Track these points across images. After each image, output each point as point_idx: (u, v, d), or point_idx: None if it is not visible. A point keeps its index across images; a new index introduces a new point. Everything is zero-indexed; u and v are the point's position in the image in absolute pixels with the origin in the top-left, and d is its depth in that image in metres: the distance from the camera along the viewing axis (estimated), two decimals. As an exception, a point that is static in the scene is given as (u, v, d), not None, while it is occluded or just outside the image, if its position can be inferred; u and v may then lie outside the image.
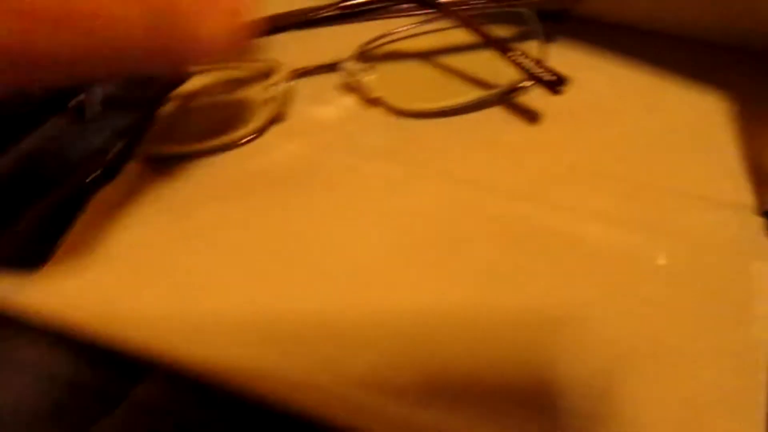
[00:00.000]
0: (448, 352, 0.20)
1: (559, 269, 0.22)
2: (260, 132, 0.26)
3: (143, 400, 0.22)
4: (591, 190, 0.24)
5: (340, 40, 0.27)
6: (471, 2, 0.25)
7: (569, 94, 0.23)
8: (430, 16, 0.26)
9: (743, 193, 0.23)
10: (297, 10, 0.26)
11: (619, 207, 0.23)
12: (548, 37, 0.26)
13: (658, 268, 0.22)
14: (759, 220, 0.22)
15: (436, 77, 0.27)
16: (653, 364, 0.20)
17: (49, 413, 0.22)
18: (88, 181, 0.22)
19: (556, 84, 0.23)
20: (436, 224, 0.23)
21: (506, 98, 0.26)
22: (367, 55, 0.27)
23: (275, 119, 0.26)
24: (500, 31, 0.25)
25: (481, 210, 0.23)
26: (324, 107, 0.27)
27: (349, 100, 0.27)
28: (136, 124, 0.25)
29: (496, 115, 0.26)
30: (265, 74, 0.27)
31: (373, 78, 0.26)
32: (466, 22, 0.24)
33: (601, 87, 0.26)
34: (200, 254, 0.23)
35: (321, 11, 0.26)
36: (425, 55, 0.28)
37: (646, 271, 0.22)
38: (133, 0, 0.17)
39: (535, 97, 0.26)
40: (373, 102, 0.26)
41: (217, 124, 0.26)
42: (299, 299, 0.22)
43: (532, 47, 0.26)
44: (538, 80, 0.24)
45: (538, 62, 0.24)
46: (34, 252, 0.23)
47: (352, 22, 0.26)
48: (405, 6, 0.26)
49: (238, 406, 0.21)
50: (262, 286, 0.22)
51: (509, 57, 0.24)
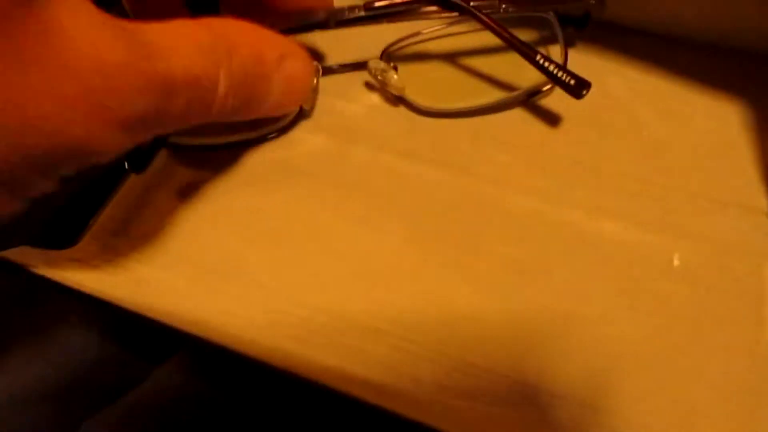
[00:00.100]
0: (464, 343, 0.21)
1: (575, 267, 0.22)
2: (287, 128, 0.26)
3: (163, 381, 0.22)
4: (608, 191, 0.24)
5: (366, 40, 0.27)
6: (495, 5, 0.26)
7: (589, 97, 0.24)
8: (454, 19, 0.27)
9: (757, 197, 0.24)
10: (324, 10, 0.27)
11: (635, 208, 0.24)
12: (570, 42, 0.27)
13: (673, 268, 0.22)
14: (772, 224, 0.23)
15: (459, 78, 0.28)
16: (666, 361, 0.20)
17: (72, 387, 0.22)
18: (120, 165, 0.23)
19: (578, 88, 0.24)
20: (456, 220, 0.24)
21: (528, 101, 0.27)
22: (393, 55, 0.27)
23: (302, 115, 0.26)
24: (523, 35, 0.25)
25: (501, 207, 0.24)
26: (350, 104, 0.27)
27: (374, 98, 0.27)
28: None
29: (518, 115, 0.27)
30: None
31: (398, 77, 0.26)
32: (490, 25, 0.25)
33: (621, 91, 0.27)
34: (227, 240, 0.23)
35: (347, 12, 0.26)
36: (449, 56, 0.28)
37: (661, 270, 0.22)
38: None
39: (556, 100, 0.27)
40: (398, 100, 0.27)
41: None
42: (318, 290, 0.22)
43: (555, 51, 0.26)
44: (562, 84, 0.24)
45: (561, 66, 0.24)
46: (65, 231, 0.23)
47: (378, 23, 0.26)
48: (430, 9, 0.26)
49: (255, 389, 0.22)
50: (284, 273, 0.22)
51: (532, 60, 0.25)
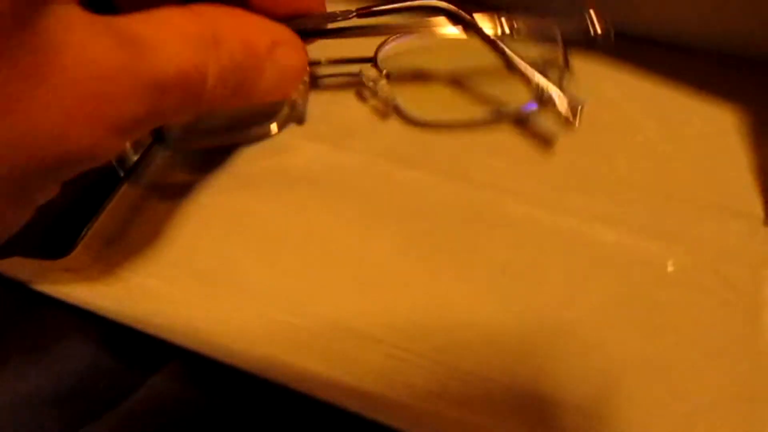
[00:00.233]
0: (459, 351, 0.21)
1: (571, 273, 0.22)
2: (279, 129, 0.26)
3: (159, 388, 0.22)
4: (605, 198, 0.24)
5: (360, 46, 0.27)
6: (499, 22, 0.25)
7: (587, 104, 0.24)
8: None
9: (753, 203, 0.24)
10: (317, 15, 0.26)
11: (632, 214, 0.24)
12: (568, 61, 0.26)
13: (669, 275, 0.22)
14: (768, 231, 0.23)
15: (453, 87, 0.28)
16: (662, 367, 0.20)
17: (68, 396, 0.22)
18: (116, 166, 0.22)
19: (569, 114, 0.23)
20: (451, 226, 0.24)
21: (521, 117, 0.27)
22: (385, 61, 0.27)
23: (294, 118, 0.26)
24: (525, 49, 0.25)
25: (496, 214, 0.24)
26: (344, 111, 0.27)
27: (367, 106, 0.27)
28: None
29: (514, 123, 0.27)
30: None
31: (390, 85, 0.26)
32: (489, 41, 0.24)
33: (616, 96, 0.27)
34: (221, 249, 0.23)
35: (339, 17, 0.26)
36: (444, 63, 0.28)
37: (657, 276, 0.22)
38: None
39: (548, 110, 0.27)
40: (391, 108, 0.27)
41: (237, 121, 0.27)
42: (312, 298, 0.22)
43: (554, 70, 0.26)
44: (552, 106, 0.24)
45: (555, 93, 0.24)
46: (58, 240, 0.23)
47: (376, 34, 0.26)
48: (431, 20, 0.26)
49: (250, 397, 0.22)
50: (278, 281, 0.22)
51: (528, 80, 0.24)
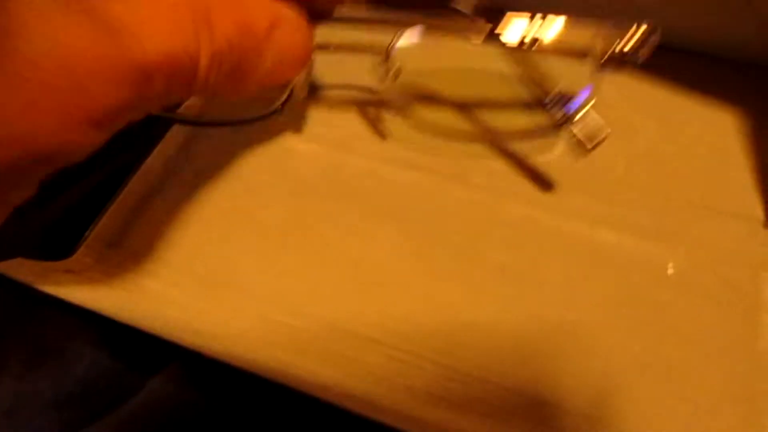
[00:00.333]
0: (459, 353, 0.21)
1: (571, 275, 0.22)
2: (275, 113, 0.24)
3: (159, 391, 0.22)
4: (605, 199, 0.24)
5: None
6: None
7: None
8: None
9: (753, 205, 0.24)
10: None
11: (632, 216, 0.24)
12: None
13: (669, 276, 0.22)
14: (768, 233, 0.23)
15: (465, 93, 0.27)
16: (661, 368, 0.20)
17: (69, 398, 0.22)
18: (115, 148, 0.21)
19: (587, 141, 0.23)
20: (452, 229, 0.24)
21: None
22: (399, 59, 0.27)
23: (291, 101, 0.25)
24: (549, 63, 0.24)
25: (496, 216, 0.24)
26: (344, 114, 0.27)
27: (369, 109, 0.27)
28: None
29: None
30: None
31: (400, 86, 0.26)
32: (510, 51, 0.24)
33: (616, 99, 0.27)
34: (222, 251, 0.23)
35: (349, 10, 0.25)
36: (458, 71, 0.28)
37: (656, 278, 0.22)
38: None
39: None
40: (397, 106, 0.27)
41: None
42: (313, 300, 0.22)
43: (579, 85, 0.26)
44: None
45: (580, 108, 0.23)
46: (60, 242, 0.23)
47: (387, 24, 0.25)
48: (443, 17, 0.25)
49: (250, 398, 0.22)
50: (279, 282, 0.22)
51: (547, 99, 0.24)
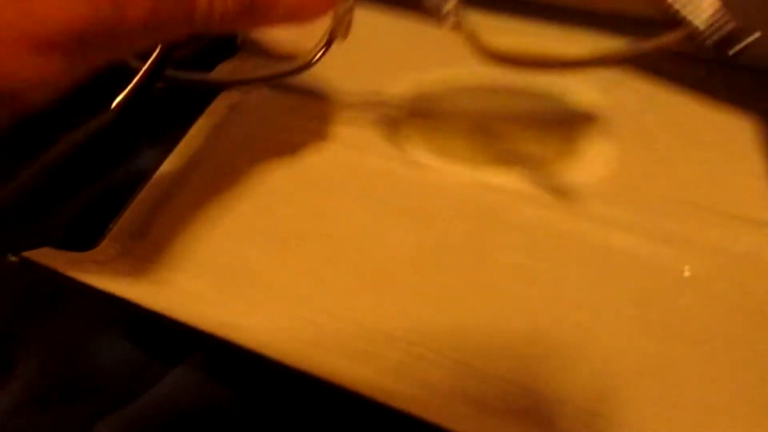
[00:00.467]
0: (476, 351, 0.21)
1: (586, 277, 0.23)
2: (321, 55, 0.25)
3: (182, 380, 0.22)
4: (618, 202, 0.24)
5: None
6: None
7: (601, 110, 0.24)
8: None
9: (767, 210, 0.24)
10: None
11: (647, 220, 0.24)
12: None
13: (684, 280, 0.22)
14: (783, 238, 0.23)
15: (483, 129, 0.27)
16: (674, 371, 0.20)
17: (93, 388, 0.22)
18: (114, 106, 0.21)
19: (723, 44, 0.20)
20: (468, 229, 0.24)
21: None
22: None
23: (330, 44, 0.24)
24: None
25: (512, 217, 0.24)
26: (361, 114, 0.28)
27: (386, 108, 0.28)
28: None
29: (530, 125, 0.27)
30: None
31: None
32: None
33: (632, 104, 0.27)
34: (244, 246, 0.24)
35: None
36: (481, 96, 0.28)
37: (672, 282, 0.22)
38: None
39: (568, 112, 0.27)
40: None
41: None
42: (332, 297, 0.22)
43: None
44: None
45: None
46: (84, 234, 0.24)
47: None
48: None
49: (273, 388, 0.22)
50: (298, 279, 0.23)
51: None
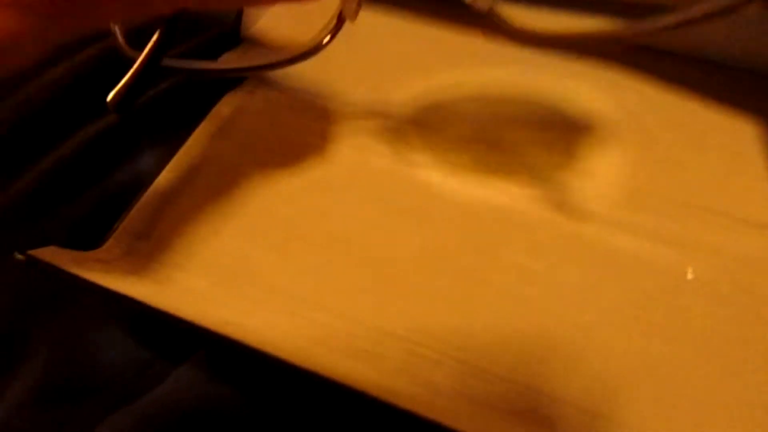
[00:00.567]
0: (479, 351, 0.21)
1: (590, 278, 0.23)
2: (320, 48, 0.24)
3: (185, 378, 0.22)
4: (622, 204, 0.24)
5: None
6: None
7: (605, 112, 0.24)
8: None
9: (770, 213, 0.24)
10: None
11: (651, 221, 0.24)
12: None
13: (687, 282, 0.22)
14: (786, 241, 0.23)
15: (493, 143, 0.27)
16: (676, 372, 0.20)
17: (97, 386, 0.22)
18: (110, 99, 0.21)
19: None
20: (472, 229, 0.24)
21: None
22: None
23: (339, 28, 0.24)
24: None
25: (515, 218, 0.24)
26: (368, 114, 0.28)
27: (393, 108, 0.28)
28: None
29: (534, 126, 0.27)
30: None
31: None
32: None
33: (636, 107, 0.27)
34: (247, 246, 0.24)
35: None
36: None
37: (675, 283, 0.22)
38: None
39: (570, 116, 0.27)
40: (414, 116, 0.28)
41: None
42: (336, 296, 0.22)
43: None
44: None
45: None
46: (91, 236, 0.24)
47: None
48: None
49: (276, 388, 0.22)
50: (302, 279, 0.23)
51: None
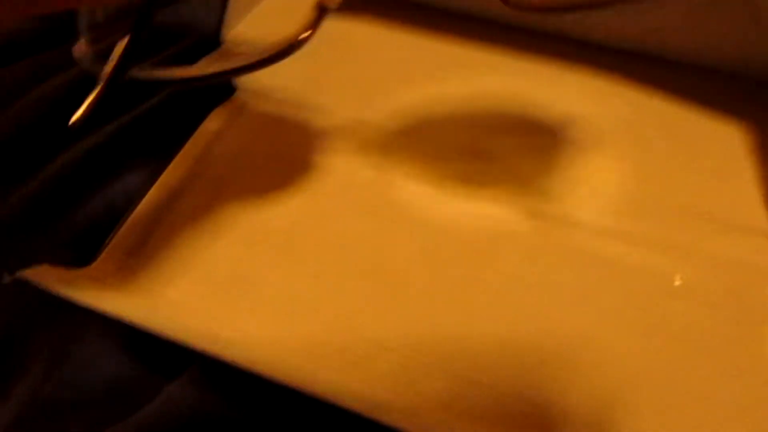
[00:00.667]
0: (470, 361, 0.21)
1: (582, 285, 0.23)
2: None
3: (177, 395, 0.22)
4: (611, 212, 0.24)
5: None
6: None
7: (595, 119, 0.24)
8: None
9: (760, 218, 0.24)
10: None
11: (640, 228, 0.24)
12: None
13: (675, 289, 0.22)
14: (775, 245, 0.23)
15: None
16: (668, 379, 0.21)
17: (89, 402, 0.22)
18: (73, 122, 0.19)
19: None
20: (463, 239, 0.24)
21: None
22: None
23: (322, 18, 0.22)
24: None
25: (506, 228, 0.24)
26: (358, 124, 0.28)
27: (383, 122, 0.28)
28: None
29: (523, 133, 0.27)
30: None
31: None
32: None
33: (625, 113, 0.27)
34: (239, 258, 0.24)
35: None
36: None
37: (662, 290, 0.22)
38: None
39: (560, 122, 0.27)
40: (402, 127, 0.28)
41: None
42: (327, 307, 0.23)
43: None
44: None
45: None
46: (81, 252, 0.24)
47: None
48: None
49: (268, 403, 0.22)
50: (294, 291, 0.23)
51: None
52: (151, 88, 0.26)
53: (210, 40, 0.31)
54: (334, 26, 0.31)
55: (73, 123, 0.18)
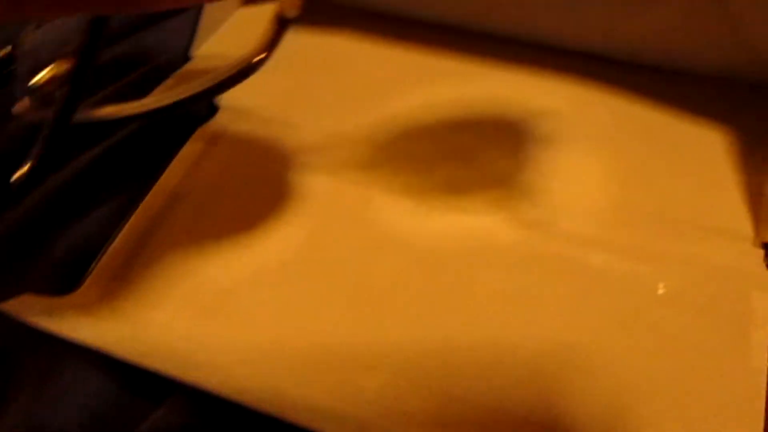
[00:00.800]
0: (456, 378, 0.21)
1: (566, 297, 0.23)
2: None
3: (163, 421, 0.22)
4: (595, 220, 0.24)
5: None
6: None
7: (574, 126, 0.24)
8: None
9: (743, 223, 0.24)
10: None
11: (623, 237, 0.24)
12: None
13: (659, 296, 0.22)
14: (758, 252, 0.23)
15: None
16: (656, 387, 0.20)
17: (76, 429, 0.22)
18: (14, 179, 0.18)
19: None
20: (447, 254, 0.24)
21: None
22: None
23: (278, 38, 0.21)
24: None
25: (490, 241, 0.24)
26: (339, 140, 0.28)
27: (365, 139, 0.28)
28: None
29: (506, 145, 0.27)
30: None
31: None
32: None
33: (606, 120, 0.27)
34: (223, 280, 0.24)
35: None
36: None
37: (647, 298, 0.22)
38: None
39: (542, 129, 0.27)
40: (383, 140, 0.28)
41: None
42: (312, 327, 0.22)
43: None
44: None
45: None
46: (64, 279, 0.24)
47: None
48: None
49: (255, 430, 0.22)
50: (278, 313, 0.23)
51: None
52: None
53: (174, 63, 0.31)
54: (315, 41, 0.32)
55: (15, 181, 0.16)
